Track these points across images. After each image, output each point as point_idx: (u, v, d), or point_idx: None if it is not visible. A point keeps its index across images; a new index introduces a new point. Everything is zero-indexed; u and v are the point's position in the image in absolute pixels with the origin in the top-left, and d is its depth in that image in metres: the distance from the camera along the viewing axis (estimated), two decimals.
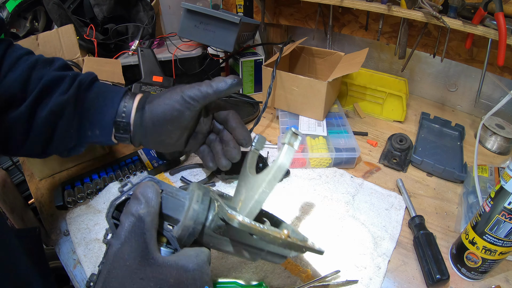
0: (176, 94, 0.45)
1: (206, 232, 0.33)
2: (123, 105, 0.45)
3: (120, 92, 0.46)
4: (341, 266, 0.47)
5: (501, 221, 0.39)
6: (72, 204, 0.57)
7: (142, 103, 0.45)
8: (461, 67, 0.82)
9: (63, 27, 0.72)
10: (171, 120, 0.45)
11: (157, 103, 0.45)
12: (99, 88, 0.46)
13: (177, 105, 0.44)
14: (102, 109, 0.45)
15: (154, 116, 0.44)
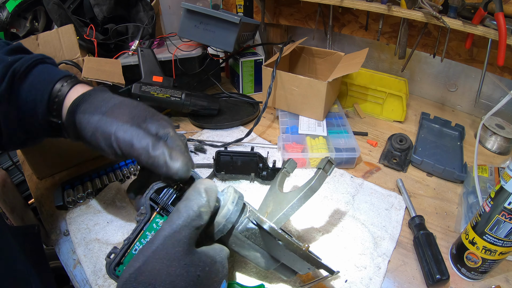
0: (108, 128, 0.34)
1: (234, 233, 0.36)
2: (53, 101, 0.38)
3: (52, 81, 0.39)
4: (341, 266, 0.47)
5: (501, 221, 0.39)
6: (72, 204, 0.57)
7: (74, 106, 0.37)
8: (461, 67, 0.82)
9: (63, 27, 0.72)
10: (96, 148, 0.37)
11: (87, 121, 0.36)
12: (35, 77, 0.39)
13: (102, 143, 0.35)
14: (35, 104, 0.38)
15: (81, 132, 0.37)
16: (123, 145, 0.34)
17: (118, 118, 0.35)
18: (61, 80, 0.39)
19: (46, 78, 0.39)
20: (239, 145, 0.73)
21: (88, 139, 0.36)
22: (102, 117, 0.35)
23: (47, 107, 0.38)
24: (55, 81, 0.39)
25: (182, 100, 0.76)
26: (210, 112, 0.81)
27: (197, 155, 0.71)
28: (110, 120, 0.35)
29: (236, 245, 0.38)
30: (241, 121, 0.80)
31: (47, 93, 0.38)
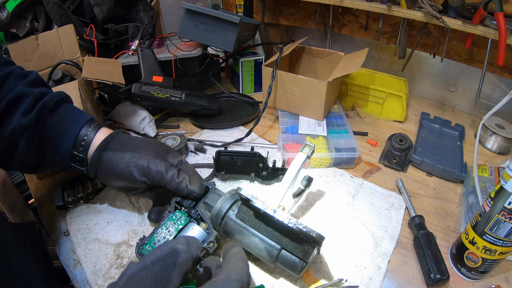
0: (141, 161, 0.44)
1: (230, 217, 0.44)
2: (82, 137, 0.44)
3: (82, 120, 0.45)
4: (341, 266, 0.47)
5: (501, 221, 0.39)
6: (72, 204, 0.57)
7: (105, 145, 0.45)
8: (461, 67, 0.82)
9: (63, 27, 0.73)
10: (124, 179, 0.45)
11: (120, 157, 0.44)
12: (63, 113, 0.45)
13: (136, 173, 0.44)
14: (61, 137, 0.44)
15: (111, 167, 0.44)
16: (156, 175, 0.44)
17: (148, 154, 0.44)
18: (89, 121, 0.46)
19: (76, 116, 0.46)
20: (239, 145, 0.73)
21: (121, 171, 0.44)
22: (134, 154, 0.44)
23: (74, 142, 0.44)
24: (85, 120, 0.45)
25: (182, 100, 0.76)
26: (210, 112, 0.81)
27: (197, 155, 0.71)
28: (142, 156, 0.44)
29: (236, 232, 0.44)
30: (241, 121, 0.80)
31: (77, 129, 0.44)
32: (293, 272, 0.42)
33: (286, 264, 0.42)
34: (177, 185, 0.44)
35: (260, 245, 0.42)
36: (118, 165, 0.44)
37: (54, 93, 0.45)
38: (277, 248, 0.42)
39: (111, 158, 0.44)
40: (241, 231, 0.43)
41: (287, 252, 0.42)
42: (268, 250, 0.42)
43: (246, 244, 0.43)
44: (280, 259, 0.42)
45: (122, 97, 0.82)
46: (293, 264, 0.41)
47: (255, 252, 0.43)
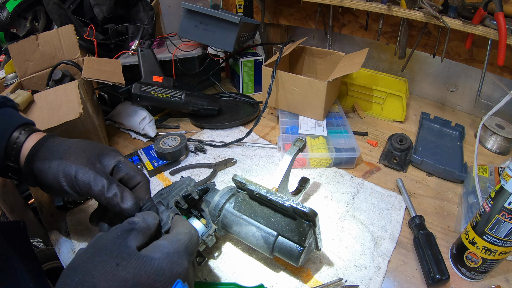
0: (68, 170, 0.38)
1: (228, 209, 0.45)
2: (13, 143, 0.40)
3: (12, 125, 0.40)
4: (341, 266, 0.47)
5: (501, 221, 0.39)
6: (72, 204, 0.57)
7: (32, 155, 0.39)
8: (461, 67, 0.82)
9: (63, 27, 0.73)
10: (56, 191, 0.39)
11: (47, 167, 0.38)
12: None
13: (64, 184, 0.38)
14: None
15: (41, 180, 0.39)
16: (82, 186, 0.37)
17: (76, 161, 0.38)
18: (19, 128, 0.41)
19: (4, 123, 0.41)
20: (240, 145, 0.73)
21: (50, 183, 0.38)
22: (61, 162, 0.38)
23: (5, 152, 0.40)
24: (14, 128, 0.40)
25: (182, 100, 0.76)
26: (210, 112, 0.81)
27: (197, 155, 0.71)
28: (69, 164, 0.38)
29: (234, 224, 0.45)
30: (241, 121, 0.80)
31: (5, 139, 0.39)
32: (292, 260, 0.42)
33: (284, 252, 0.42)
34: (108, 200, 0.38)
35: (257, 233, 0.43)
36: (47, 176, 0.38)
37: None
38: (273, 234, 0.42)
39: (40, 169, 0.39)
40: (238, 222, 0.44)
41: (284, 239, 0.42)
42: (265, 238, 0.42)
43: (244, 235, 0.44)
44: (277, 247, 0.42)
45: (122, 97, 0.82)
46: (290, 251, 0.41)
47: (253, 242, 0.44)
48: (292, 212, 0.40)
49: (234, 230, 0.45)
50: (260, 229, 0.43)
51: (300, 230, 0.41)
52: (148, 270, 0.28)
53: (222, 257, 0.49)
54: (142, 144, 0.75)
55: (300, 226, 0.41)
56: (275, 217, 0.43)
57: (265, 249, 0.43)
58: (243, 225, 0.44)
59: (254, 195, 0.43)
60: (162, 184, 0.62)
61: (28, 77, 0.71)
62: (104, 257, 0.28)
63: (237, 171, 0.66)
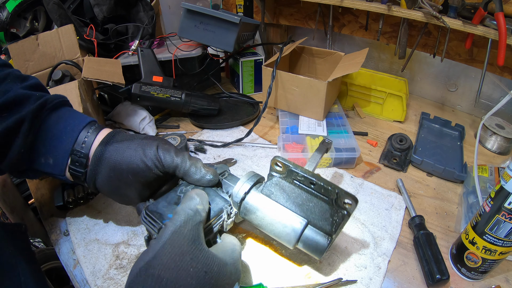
0: (150, 148, 0.40)
1: (254, 194, 0.42)
2: (85, 134, 0.41)
3: (84, 120, 0.42)
4: (341, 266, 0.47)
5: (501, 221, 0.39)
6: (72, 204, 0.57)
7: (109, 138, 0.41)
8: (461, 67, 0.82)
9: (63, 27, 0.73)
10: (136, 171, 0.40)
11: (127, 145, 0.41)
12: (64, 113, 0.42)
13: (147, 160, 0.40)
14: (60, 134, 0.40)
15: (119, 158, 0.40)
16: (163, 159, 0.40)
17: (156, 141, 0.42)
18: (91, 123, 0.43)
19: (77, 116, 0.43)
20: (240, 145, 0.73)
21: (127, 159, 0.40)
22: (142, 141, 0.41)
23: (74, 143, 0.41)
24: (86, 122, 0.42)
25: (182, 100, 0.76)
26: (210, 112, 0.81)
27: (197, 155, 0.71)
28: (150, 142, 0.41)
29: (260, 209, 0.41)
30: (241, 121, 0.80)
31: (79, 128, 0.41)
32: (316, 253, 0.40)
33: (309, 243, 0.40)
34: (189, 166, 0.40)
35: (284, 220, 0.40)
36: (125, 153, 0.40)
37: (57, 95, 0.44)
38: (303, 223, 0.40)
39: (117, 149, 0.40)
40: (265, 207, 0.41)
41: (313, 228, 0.40)
42: (293, 225, 0.40)
43: (269, 221, 0.41)
44: (304, 236, 0.40)
45: (122, 97, 0.82)
46: (317, 242, 0.39)
47: (278, 229, 0.41)
48: (335, 197, 0.38)
49: (257, 216, 0.41)
50: (289, 216, 0.40)
51: (334, 219, 0.39)
52: (223, 275, 0.32)
53: None
54: None
55: (335, 215, 0.39)
56: (310, 204, 0.40)
57: (290, 237, 0.40)
58: (271, 210, 0.41)
59: (296, 178, 0.41)
60: None
61: None
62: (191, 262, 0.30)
63: (237, 171, 0.66)
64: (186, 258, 0.30)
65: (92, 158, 0.41)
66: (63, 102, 0.44)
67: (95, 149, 0.41)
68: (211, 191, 0.42)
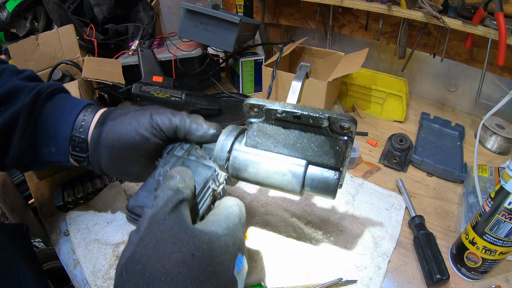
0: (144, 117, 0.39)
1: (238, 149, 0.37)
2: (82, 118, 0.40)
3: (80, 104, 0.41)
4: (341, 266, 0.47)
5: (501, 221, 0.39)
6: (72, 204, 0.57)
7: (103, 118, 0.40)
8: (461, 67, 0.82)
9: (63, 27, 0.73)
10: (133, 145, 0.39)
11: (121, 121, 0.39)
12: (59, 100, 0.42)
13: (142, 130, 0.38)
14: (58, 122, 0.40)
15: (115, 136, 0.39)
16: (161, 123, 0.38)
17: (149, 110, 0.40)
18: (87, 106, 0.42)
19: (73, 102, 0.42)
20: None
21: (123, 134, 0.39)
22: (134, 114, 0.40)
23: (72, 127, 0.40)
24: (83, 105, 0.42)
25: (182, 100, 0.76)
26: (210, 112, 0.81)
27: None
28: (143, 112, 0.40)
29: (250, 164, 0.37)
30: (241, 121, 0.80)
31: (74, 113, 0.41)
32: (328, 193, 0.36)
33: (317, 184, 0.35)
34: (189, 124, 0.38)
35: (281, 167, 0.36)
36: (120, 129, 0.39)
37: (51, 82, 0.43)
38: (302, 164, 0.35)
39: (112, 127, 0.39)
40: (255, 160, 0.37)
41: (315, 167, 0.35)
42: (292, 170, 0.35)
43: (264, 174, 0.37)
44: (309, 178, 0.35)
45: (122, 97, 0.82)
46: (325, 180, 0.35)
47: (278, 180, 0.36)
48: (327, 125, 0.33)
49: (250, 173, 0.37)
50: (284, 161, 0.36)
51: (336, 150, 0.34)
52: (216, 251, 0.28)
53: None
54: None
55: (336, 145, 0.34)
56: (303, 141, 0.35)
57: (294, 185, 0.35)
58: (262, 162, 0.36)
59: (276, 117, 0.35)
60: None
61: None
62: (174, 247, 0.26)
63: None
64: (167, 245, 0.27)
65: (90, 142, 0.40)
66: (58, 89, 0.43)
67: (92, 132, 0.40)
68: (191, 163, 0.38)
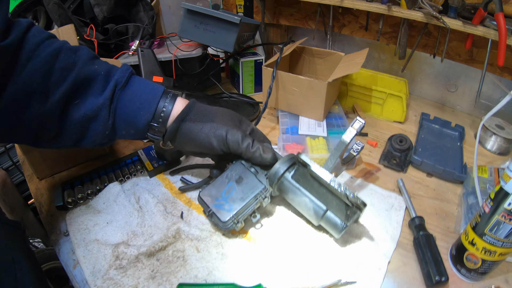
0: (220, 131, 0.47)
1: (286, 177, 0.50)
2: (161, 109, 0.46)
3: (157, 92, 0.47)
4: (340, 266, 0.47)
5: (500, 222, 0.39)
6: (72, 204, 0.57)
7: (184, 116, 0.47)
8: (461, 67, 0.82)
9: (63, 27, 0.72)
10: (202, 147, 0.48)
11: (200, 128, 0.47)
12: (136, 87, 0.46)
13: (215, 142, 0.47)
14: (138, 111, 0.45)
15: (190, 137, 0.47)
16: (232, 145, 0.47)
17: (226, 124, 0.48)
18: (164, 93, 0.48)
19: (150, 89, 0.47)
20: None
21: (200, 141, 0.48)
22: (213, 124, 0.48)
23: (153, 116, 0.46)
24: (160, 92, 0.47)
25: None
26: None
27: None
28: (220, 126, 0.48)
29: (290, 191, 0.50)
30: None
31: (155, 102, 0.46)
32: (334, 231, 0.48)
33: (329, 224, 0.48)
34: (252, 154, 0.48)
35: (309, 204, 0.49)
36: (198, 135, 0.47)
37: (122, 68, 0.46)
38: (323, 209, 0.48)
39: (191, 129, 0.47)
40: (294, 191, 0.50)
41: (331, 213, 0.48)
42: (315, 209, 0.48)
43: (297, 202, 0.50)
44: (325, 218, 0.48)
45: None
46: (335, 224, 0.47)
47: (304, 210, 0.50)
48: (345, 198, 0.47)
49: (288, 197, 0.51)
50: (312, 201, 0.48)
51: (347, 213, 0.48)
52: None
53: (222, 258, 0.49)
54: (142, 144, 0.75)
55: (349, 210, 0.48)
56: (328, 196, 0.49)
57: (313, 217, 0.50)
58: (298, 195, 0.50)
59: (315, 176, 0.49)
60: (162, 184, 0.62)
61: None
62: None
63: None
64: None
65: (168, 130, 0.48)
66: (130, 74, 0.46)
67: (171, 125, 0.47)
68: (250, 174, 0.51)
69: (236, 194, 0.50)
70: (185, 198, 0.59)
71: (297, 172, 0.51)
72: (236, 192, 0.50)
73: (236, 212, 0.48)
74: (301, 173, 0.51)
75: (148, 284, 0.45)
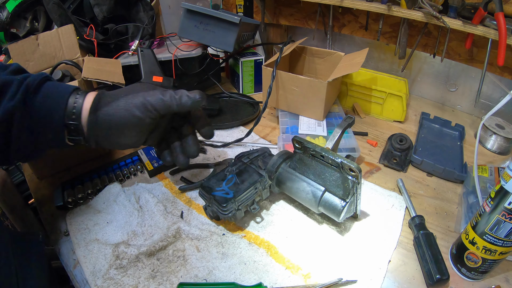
0: (137, 99, 0.44)
1: (283, 167, 0.54)
2: (72, 105, 0.43)
3: (67, 90, 0.44)
4: (340, 266, 0.47)
5: (501, 221, 0.39)
6: (72, 204, 0.57)
7: (96, 104, 0.43)
8: (461, 67, 0.82)
9: (63, 27, 0.73)
10: (130, 126, 0.44)
11: (116, 106, 0.43)
12: (48, 89, 0.43)
13: (137, 112, 0.43)
14: (50, 111, 0.42)
15: (111, 121, 0.43)
16: (155, 102, 0.44)
17: (141, 91, 0.45)
18: (75, 90, 0.45)
19: (60, 89, 0.44)
20: (240, 145, 0.73)
21: (121, 118, 0.43)
22: (127, 97, 0.44)
23: (64, 113, 0.42)
24: (71, 90, 0.44)
25: None
26: (210, 112, 0.81)
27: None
28: (136, 95, 0.44)
29: (288, 180, 0.52)
30: (241, 121, 0.80)
31: (64, 99, 0.43)
32: (335, 214, 0.48)
33: (328, 206, 0.49)
34: (179, 100, 0.45)
35: (307, 188, 0.50)
36: (118, 114, 0.43)
37: (36, 74, 0.44)
38: (321, 189, 0.49)
39: (108, 113, 0.43)
40: (292, 178, 0.52)
41: (330, 194, 0.49)
42: (314, 192, 0.50)
43: (295, 190, 0.52)
44: (323, 201, 0.49)
45: None
46: (334, 205, 0.48)
47: (303, 196, 0.51)
48: (340, 166, 0.47)
49: (287, 186, 0.53)
50: (310, 184, 0.50)
51: (345, 185, 0.48)
52: None
53: (222, 257, 0.49)
54: None
55: (346, 182, 0.47)
56: (325, 174, 0.50)
57: (312, 203, 0.50)
58: (296, 181, 0.52)
59: (310, 152, 0.50)
60: (162, 184, 0.62)
61: None
62: None
63: None
64: None
65: (87, 127, 0.44)
66: (44, 79, 0.44)
67: (87, 119, 0.43)
68: (250, 169, 0.56)
69: (236, 183, 0.53)
70: (185, 197, 0.59)
71: (294, 159, 0.53)
72: (237, 182, 0.53)
73: (236, 197, 0.50)
74: (298, 160, 0.53)
75: (149, 283, 0.45)
